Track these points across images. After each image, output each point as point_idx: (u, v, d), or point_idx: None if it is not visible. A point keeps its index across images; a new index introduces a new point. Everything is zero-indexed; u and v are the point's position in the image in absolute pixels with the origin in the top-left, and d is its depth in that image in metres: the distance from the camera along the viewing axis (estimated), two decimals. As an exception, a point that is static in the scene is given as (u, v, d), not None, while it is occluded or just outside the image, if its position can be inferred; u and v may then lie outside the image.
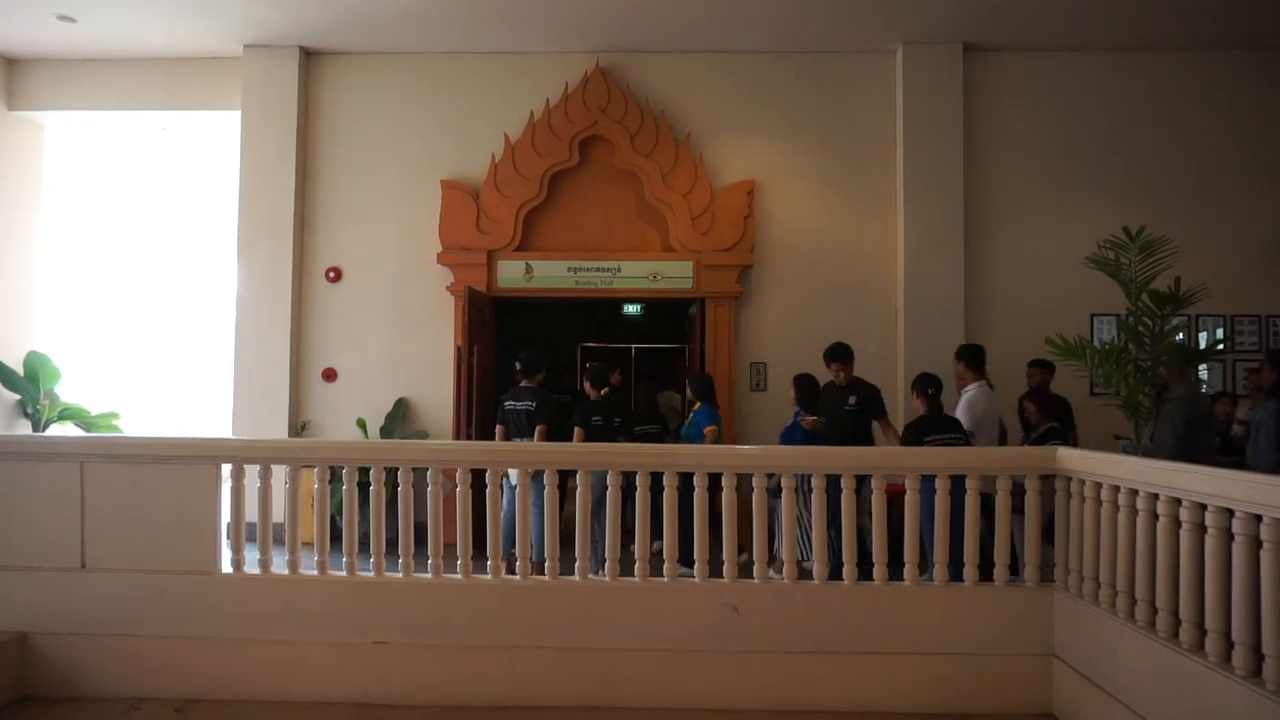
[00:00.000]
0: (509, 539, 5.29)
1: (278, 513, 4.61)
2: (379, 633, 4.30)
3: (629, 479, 4.42)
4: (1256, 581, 2.98)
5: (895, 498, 4.52)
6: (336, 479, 5.53)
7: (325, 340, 8.12)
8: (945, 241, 7.77)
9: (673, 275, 7.96)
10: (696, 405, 6.70)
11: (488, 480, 4.44)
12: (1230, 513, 3.09)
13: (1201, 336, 7.75)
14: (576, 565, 4.36)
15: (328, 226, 8.16)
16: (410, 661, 4.27)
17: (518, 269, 8.01)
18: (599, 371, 6.58)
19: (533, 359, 6.48)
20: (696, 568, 4.34)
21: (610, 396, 6.56)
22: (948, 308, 7.71)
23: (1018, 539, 4.58)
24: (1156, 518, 3.51)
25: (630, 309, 11.37)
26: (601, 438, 6.00)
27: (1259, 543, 2.95)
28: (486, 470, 4.49)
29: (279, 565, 4.45)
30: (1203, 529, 3.24)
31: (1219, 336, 7.69)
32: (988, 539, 4.36)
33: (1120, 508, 3.77)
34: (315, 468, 4.48)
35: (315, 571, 4.40)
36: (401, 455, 4.65)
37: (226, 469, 4.46)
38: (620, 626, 4.28)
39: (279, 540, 4.54)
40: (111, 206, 9.11)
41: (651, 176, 7.86)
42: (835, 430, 5.93)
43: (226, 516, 4.47)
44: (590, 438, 5.98)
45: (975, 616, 4.25)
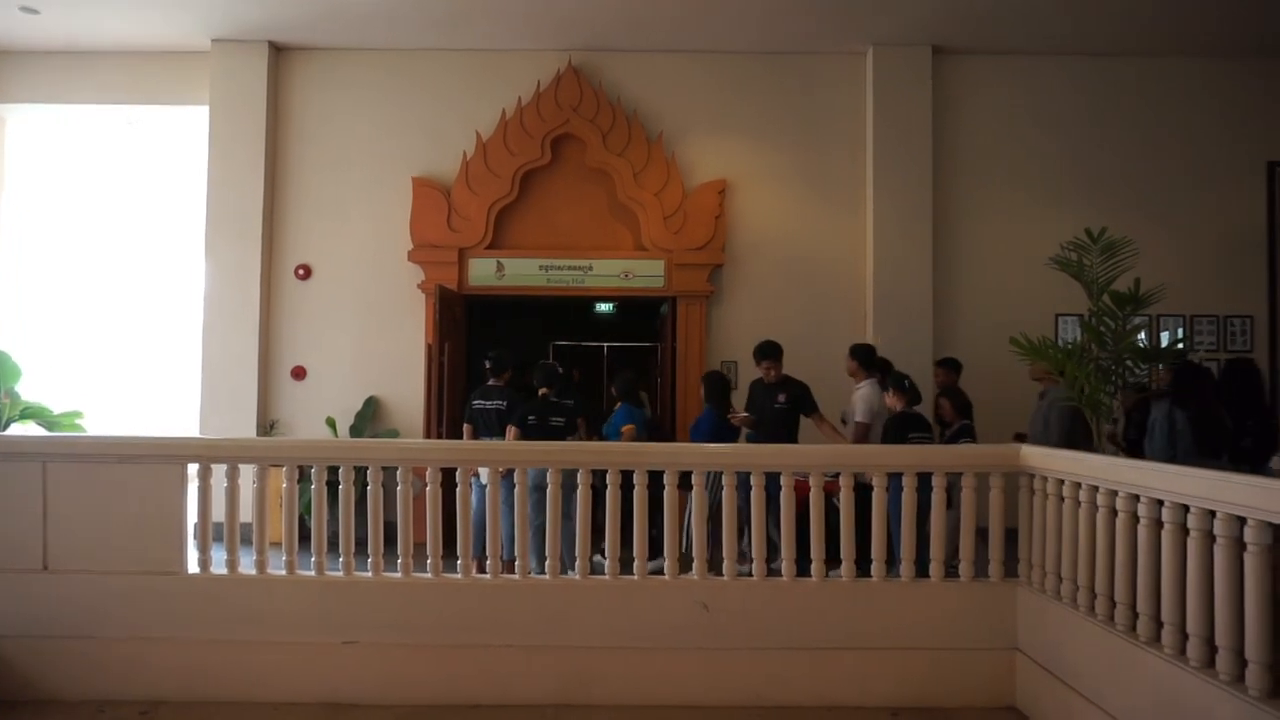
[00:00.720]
0: (479, 538, 5.27)
1: (245, 513, 4.57)
2: (348, 632, 4.28)
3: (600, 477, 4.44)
4: (1212, 576, 3.06)
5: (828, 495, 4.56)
6: (305, 478, 5.49)
7: (294, 338, 8.05)
8: (914, 242, 7.86)
9: (644, 274, 7.98)
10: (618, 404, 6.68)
11: (458, 479, 4.43)
12: (1186, 509, 3.17)
13: (1164, 336, 7.92)
14: (547, 564, 4.37)
15: (297, 223, 8.09)
16: (380, 661, 4.26)
17: (489, 267, 7.99)
18: (546, 369, 6.39)
19: (501, 358, 6.46)
20: (666, 565, 4.37)
21: (553, 395, 6.28)
22: (916, 307, 7.80)
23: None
24: (1116, 514, 3.60)
25: (602, 307, 11.36)
26: (537, 437, 5.88)
27: (1214, 538, 3.03)
28: (457, 469, 4.49)
29: (246, 565, 4.42)
30: (1160, 525, 3.32)
31: (1179, 336, 7.86)
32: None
33: (1081, 504, 3.85)
34: (283, 467, 4.45)
35: (283, 571, 4.38)
36: (371, 454, 4.63)
37: (193, 469, 4.42)
38: (591, 625, 4.30)
39: (246, 540, 4.51)
40: (75, 202, 8.95)
41: (623, 175, 7.87)
42: (766, 428, 5.98)
43: (193, 517, 4.43)
44: (525, 437, 5.89)
45: (941, 612, 4.32)
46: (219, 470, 4.42)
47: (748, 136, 8.11)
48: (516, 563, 4.38)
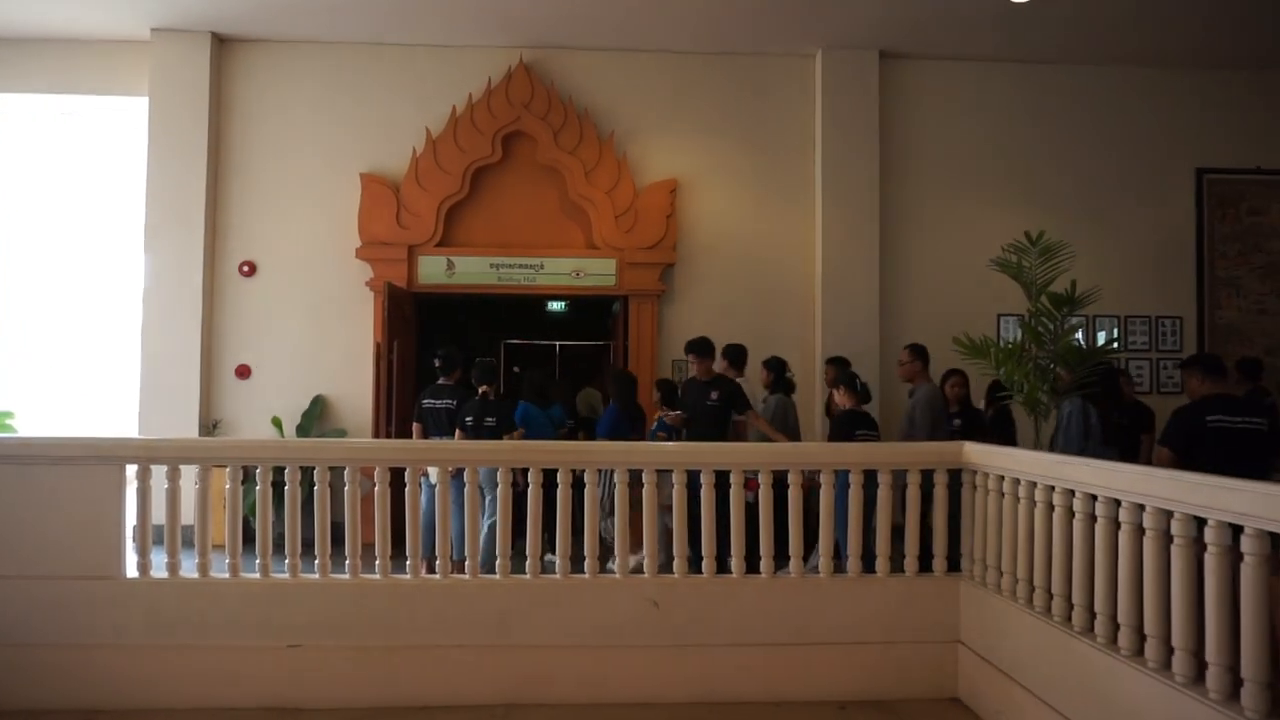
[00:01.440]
0: (429, 538, 5.23)
1: (187, 515, 4.47)
2: (294, 635, 4.21)
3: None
4: (1141, 568, 3.17)
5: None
6: (250, 479, 5.39)
7: (238, 336, 7.88)
8: (861, 242, 7.99)
9: (596, 272, 7.99)
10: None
11: (407, 479, 4.39)
12: (1118, 503, 3.29)
13: (1099, 336, 8.18)
14: (497, 563, 4.36)
15: (242, 219, 7.92)
16: (327, 664, 4.20)
17: (439, 265, 7.91)
18: (485, 367, 6.35)
19: (450, 356, 6.41)
20: (617, 563, 4.39)
21: (493, 394, 6.28)
22: (863, 306, 7.94)
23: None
24: (1053, 509, 3.71)
25: (554, 306, 11.33)
26: (474, 438, 5.85)
27: (1143, 531, 3.15)
28: (406, 469, 4.45)
29: (188, 568, 4.32)
30: (1093, 519, 3.43)
31: (1113, 336, 8.13)
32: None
33: (1020, 499, 3.96)
34: (227, 467, 4.36)
35: (226, 574, 4.29)
36: (318, 454, 4.56)
37: (131, 470, 4.30)
38: (542, 624, 4.30)
39: (189, 544, 4.41)
40: (3, 195, 8.63)
41: (575, 173, 7.86)
42: (697, 425, 6.03)
43: (133, 519, 4.31)
44: (464, 438, 5.86)
45: (887, 606, 4.41)
46: (159, 471, 4.31)
47: (699, 136, 8.16)
48: (466, 563, 4.36)
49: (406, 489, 4.38)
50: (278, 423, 7.67)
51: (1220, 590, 2.80)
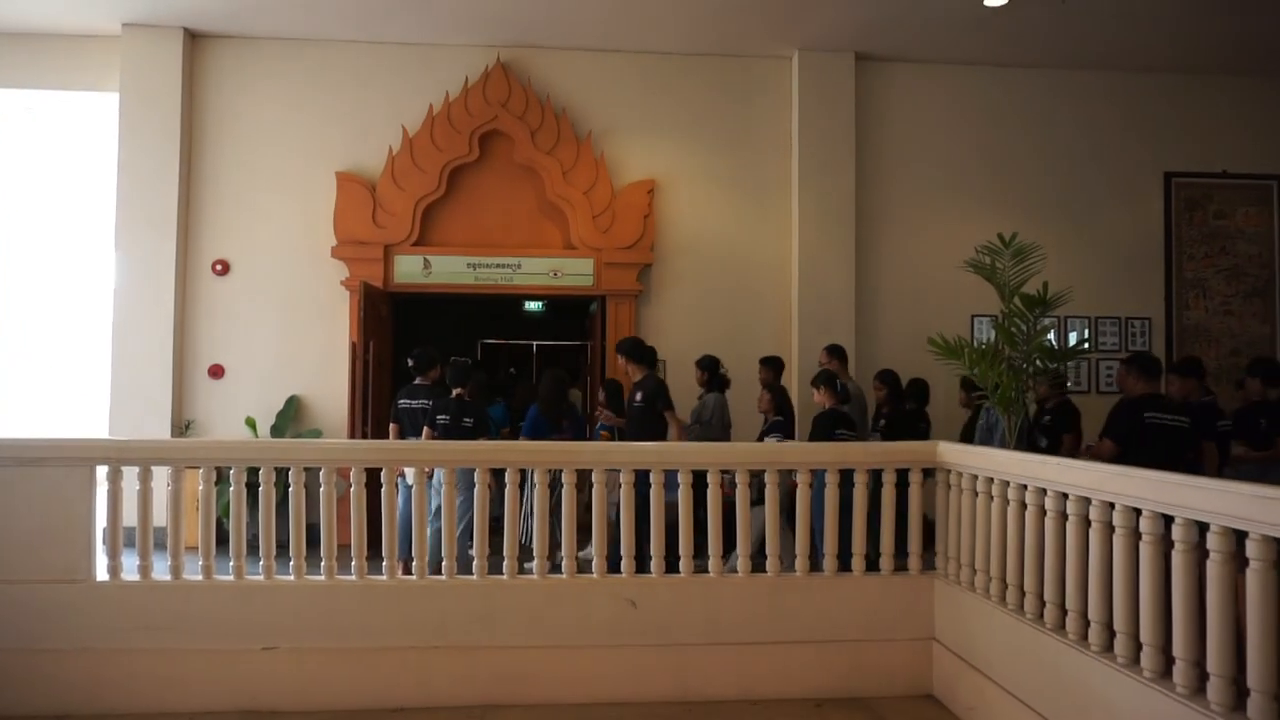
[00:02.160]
0: (405, 539, 5.21)
1: (159, 516, 4.41)
2: (268, 637, 4.18)
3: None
4: (1110, 566, 3.22)
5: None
6: (223, 480, 5.33)
7: (212, 336, 7.79)
8: (837, 243, 8.05)
9: (573, 272, 7.98)
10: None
11: (383, 480, 4.37)
12: (1088, 501, 3.34)
13: (1072, 336, 8.28)
14: (474, 564, 4.34)
15: (215, 217, 7.83)
16: (302, 666, 4.17)
17: (415, 264, 7.87)
18: (459, 368, 6.29)
19: (425, 356, 6.38)
20: (595, 563, 4.39)
21: (468, 394, 6.24)
22: (839, 307, 8.00)
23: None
24: (1025, 507, 3.76)
25: (531, 306, 11.32)
26: (449, 438, 5.82)
27: (1113, 529, 3.20)
28: (382, 470, 4.42)
29: (160, 571, 4.27)
30: (1064, 517, 3.48)
31: (1084, 336, 8.24)
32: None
33: (993, 498, 4.01)
34: (200, 468, 4.31)
35: (199, 576, 4.24)
36: (293, 455, 4.51)
37: (102, 471, 4.24)
38: (519, 624, 4.29)
39: (161, 545, 4.35)
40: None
41: (552, 173, 7.85)
42: (629, 425, 6.28)
43: (103, 521, 4.25)
44: (438, 438, 5.84)
45: (862, 604, 4.44)
46: (130, 473, 4.26)
47: (676, 137, 8.18)
48: (444, 563, 4.34)
49: (382, 490, 4.35)
50: (252, 423, 7.59)
51: (1187, 587, 2.85)
